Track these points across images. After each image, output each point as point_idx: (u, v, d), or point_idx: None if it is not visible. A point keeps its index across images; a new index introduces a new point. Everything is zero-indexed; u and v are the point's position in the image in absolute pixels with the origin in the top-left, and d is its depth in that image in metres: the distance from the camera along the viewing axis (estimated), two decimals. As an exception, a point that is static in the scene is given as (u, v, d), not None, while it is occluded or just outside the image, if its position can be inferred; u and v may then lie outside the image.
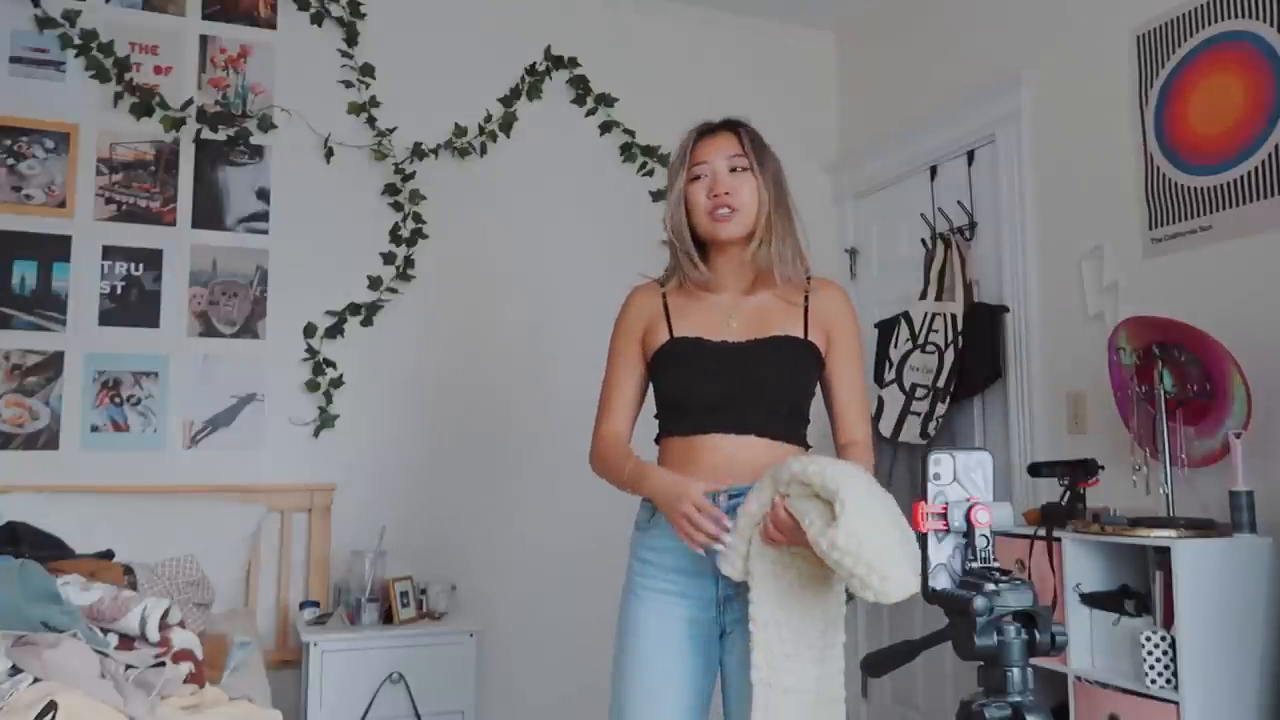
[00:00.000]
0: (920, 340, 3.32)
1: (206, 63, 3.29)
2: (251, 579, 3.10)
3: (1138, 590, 2.35)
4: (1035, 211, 3.08)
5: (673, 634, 1.73)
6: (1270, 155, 2.36)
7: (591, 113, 3.73)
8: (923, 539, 1.15)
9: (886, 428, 3.30)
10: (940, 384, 3.19)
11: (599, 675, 1.89)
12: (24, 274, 3.03)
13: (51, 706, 1.40)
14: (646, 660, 1.73)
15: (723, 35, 3.97)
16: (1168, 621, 2.19)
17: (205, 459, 3.15)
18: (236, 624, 2.62)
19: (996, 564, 1.13)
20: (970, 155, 3.37)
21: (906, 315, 3.40)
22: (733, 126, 1.86)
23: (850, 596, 1.62)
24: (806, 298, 1.84)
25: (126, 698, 1.55)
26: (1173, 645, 2.14)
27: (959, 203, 3.37)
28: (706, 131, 1.86)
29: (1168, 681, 2.15)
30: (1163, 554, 2.19)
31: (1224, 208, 2.46)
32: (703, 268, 1.84)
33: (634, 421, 1.91)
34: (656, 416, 1.87)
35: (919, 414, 3.24)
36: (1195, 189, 2.54)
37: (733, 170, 1.81)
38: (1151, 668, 2.17)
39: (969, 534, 1.14)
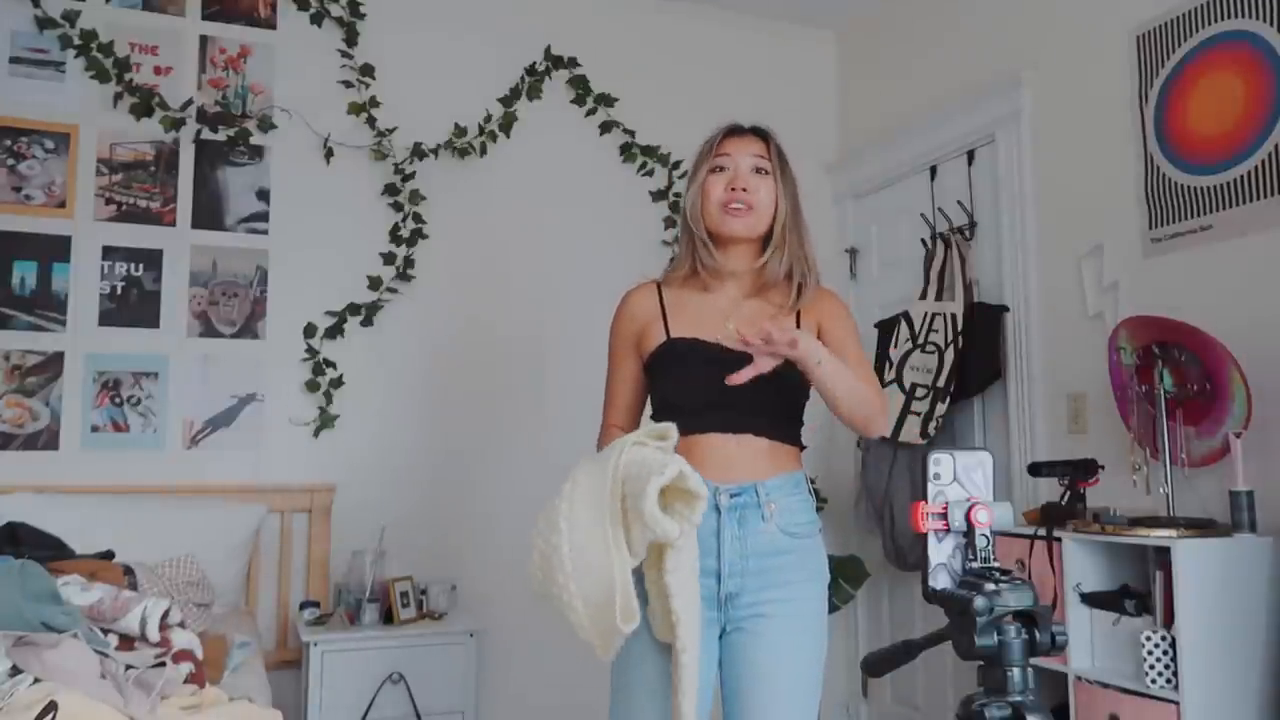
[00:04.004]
0: (920, 340, 3.32)
1: (206, 63, 3.29)
2: (251, 579, 3.10)
3: (1138, 590, 2.35)
4: (1035, 211, 3.08)
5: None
6: (1270, 155, 2.36)
7: (591, 113, 3.73)
8: (923, 539, 1.15)
9: (886, 428, 3.30)
10: (940, 384, 3.19)
11: (599, 675, 1.89)
12: (24, 274, 3.03)
13: (52, 707, 1.40)
14: (647, 659, 1.73)
15: (723, 35, 3.97)
16: (1168, 621, 2.19)
17: (205, 459, 3.15)
18: (236, 624, 2.62)
19: (996, 564, 1.13)
20: (970, 155, 3.36)
21: (906, 315, 3.40)
22: (762, 133, 1.89)
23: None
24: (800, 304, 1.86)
25: (127, 698, 1.55)
26: (1173, 645, 2.15)
27: (959, 203, 3.37)
28: (735, 130, 1.88)
29: (1168, 681, 2.15)
30: (1163, 554, 2.19)
31: (1224, 207, 2.46)
32: (716, 255, 1.84)
33: (638, 421, 1.93)
34: (653, 417, 1.88)
35: (919, 414, 3.24)
36: (1195, 189, 2.54)
37: (755, 170, 1.83)
38: (1151, 668, 2.17)
39: (969, 534, 1.14)
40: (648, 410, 1.94)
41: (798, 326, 1.82)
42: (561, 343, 3.55)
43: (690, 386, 1.79)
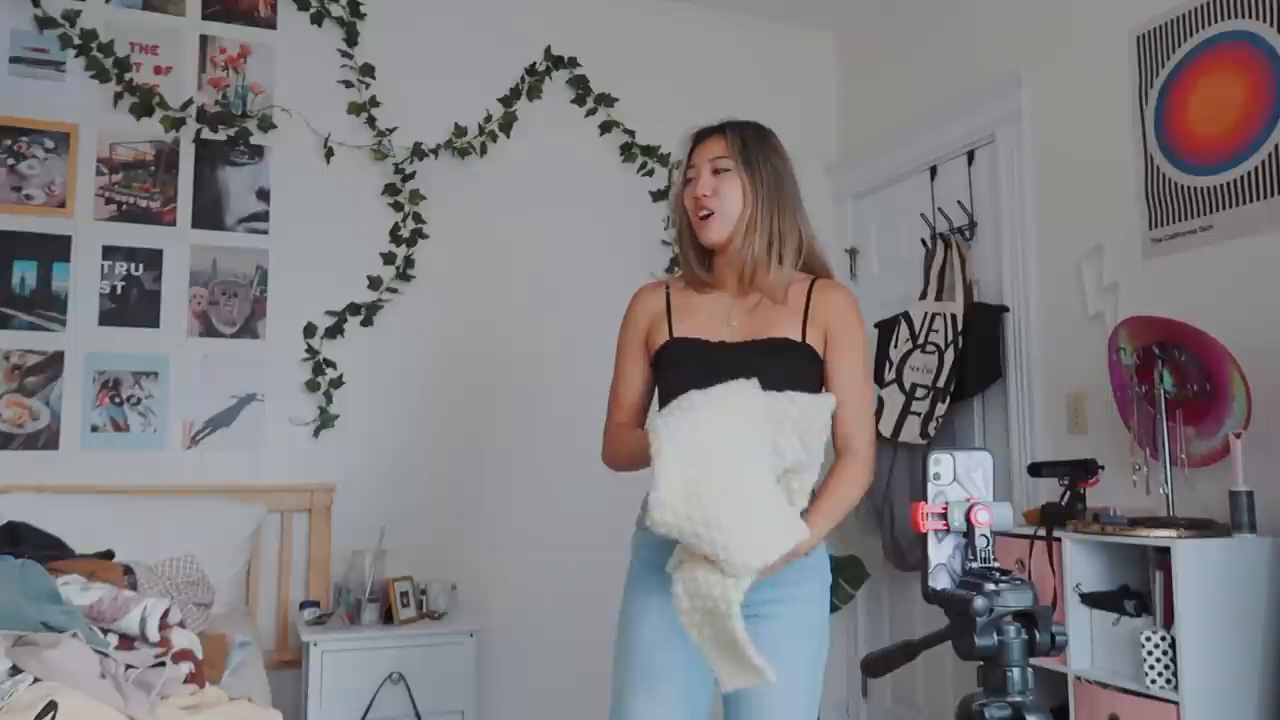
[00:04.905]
0: (920, 340, 3.32)
1: (206, 63, 3.29)
2: (251, 579, 3.10)
3: (1138, 590, 2.35)
4: (1035, 211, 3.08)
5: (673, 629, 1.72)
6: (1270, 155, 2.36)
7: (591, 113, 3.73)
8: (923, 539, 1.15)
9: (886, 428, 3.30)
10: (940, 384, 3.19)
11: (599, 675, 1.89)
12: (24, 274, 3.03)
13: (51, 707, 1.40)
14: (646, 655, 1.72)
15: (723, 35, 3.97)
16: (1168, 621, 2.19)
17: (205, 459, 3.15)
18: (236, 624, 2.62)
19: (996, 564, 1.13)
20: (970, 155, 3.36)
21: (906, 315, 3.40)
22: (722, 129, 1.86)
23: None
24: (810, 299, 1.82)
25: (126, 698, 1.55)
26: (1173, 645, 2.15)
27: (959, 203, 3.37)
28: (699, 135, 1.87)
29: (1168, 681, 2.15)
30: (1163, 554, 2.19)
31: (1224, 208, 2.46)
32: (701, 267, 1.85)
33: (643, 418, 1.91)
34: None
35: (919, 414, 3.24)
36: (1195, 189, 2.54)
37: (715, 172, 1.82)
38: (1151, 668, 2.17)
39: (969, 534, 1.14)
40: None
41: (804, 327, 1.79)
42: (561, 342, 3.55)
43: (690, 386, 1.79)
